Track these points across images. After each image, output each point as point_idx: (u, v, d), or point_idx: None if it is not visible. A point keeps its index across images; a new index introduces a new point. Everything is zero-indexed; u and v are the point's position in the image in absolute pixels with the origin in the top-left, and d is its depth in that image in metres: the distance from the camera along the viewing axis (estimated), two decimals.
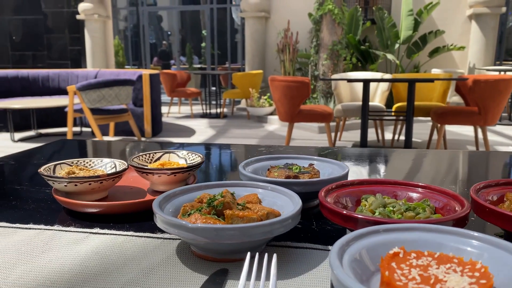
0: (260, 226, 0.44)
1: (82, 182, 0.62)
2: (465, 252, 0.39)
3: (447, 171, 0.94)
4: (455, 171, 0.95)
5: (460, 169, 0.97)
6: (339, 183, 0.57)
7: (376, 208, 0.52)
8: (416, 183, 0.57)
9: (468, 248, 0.40)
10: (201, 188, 0.57)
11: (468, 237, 0.40)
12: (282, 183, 0.59)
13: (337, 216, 0.48)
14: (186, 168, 0.67)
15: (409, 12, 7.75)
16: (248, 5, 8.41)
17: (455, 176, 0.89)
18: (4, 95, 6.57)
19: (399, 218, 0.49)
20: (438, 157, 1.06)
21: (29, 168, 0.92)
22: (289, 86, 4.66)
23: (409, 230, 0.42)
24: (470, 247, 0.39)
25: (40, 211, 0.64)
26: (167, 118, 7.71)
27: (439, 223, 0.45)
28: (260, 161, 0.73)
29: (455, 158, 1.05)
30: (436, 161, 1.02)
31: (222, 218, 0.48)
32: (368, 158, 1.00)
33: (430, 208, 0.52)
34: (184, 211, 0.50)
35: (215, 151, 1.10)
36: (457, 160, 1.03)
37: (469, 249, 0.39)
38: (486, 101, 4.46)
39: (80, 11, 9.13)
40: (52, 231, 0.57)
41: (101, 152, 1.13)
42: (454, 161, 1.03)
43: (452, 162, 1.02)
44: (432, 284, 0.34)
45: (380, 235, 0.41)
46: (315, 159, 0.72)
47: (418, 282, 0.34)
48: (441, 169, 0.96)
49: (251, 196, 0.54)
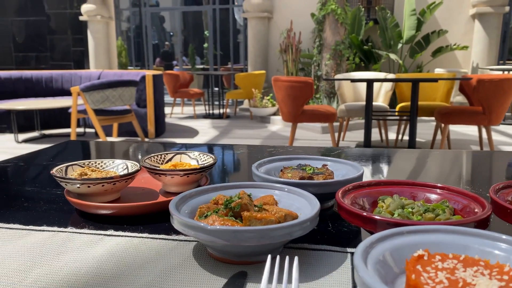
0: (279, 228, 0.43)
1: (95, 183, 0.61)
2: (491, 254, 0.39)
3: (459, 171, 0.93)
4: (467, 171, 0.94)
5: (472, 169, 0.96)
6: (356, 184, 0.57)
7: (394, 210, 0.51)
8: (434, 184, 0.56)
9: (494, 251, 0.39)
10: (216, 189, 0.57)
11: (494, 239, 0.39)
12: (298, 184, 0.59)
13: (356, 218, 0.48)
14: (199, 169, 0.66)
15: (412, 11, 7.73)
16: (250, 5, 8.40)
17: (469, 176, 0.88)
18: (8, 96, 6.58)
19: (418, 219, 0.49)
20: (448, 157, 1.05)
21: (39, 169, 0.92)
22: (292, 86, 4.65)
23: (433, 232, 0.41)
24: (497, 249, 0.39)
25: (53, 213, 0.64)
26: (170, 118, 7.71)
27: (461, 225, 0.44)
28: (273, 161, 0.72)
29: (466, 158, 1.04)
30: (447, 161, 1.02)
31: (239, 220, 0.48)
32: (378, 159, 0.99)
33: (449, 209, 0.51)
34: (201, 213, 0.50)
35: (224, 151, 1.09)
36: (467, 160, 1.03)
37: (496, 251, 0.39)
38: (490, 100, 4.44)
39: (83, 12, 9.14)
40: (66, 233, 0.56)
41: (109, 153, 1.12)
42: (465, 161, 1.02)
43: (463, 162, 1.01)
44: (461, 287, 0.33)
45: (403, 237, 0.40)
46: (328, 159, 0.72)
47: (446, 285, 0.34)
48: (452, 170, 0.95)
49: (267, 198, 0.53)
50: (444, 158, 1.05)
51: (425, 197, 0.56)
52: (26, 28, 9.87)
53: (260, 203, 0.51)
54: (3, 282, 0.45)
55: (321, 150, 1.04)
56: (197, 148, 1.18)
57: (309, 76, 7.87)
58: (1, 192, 0.75)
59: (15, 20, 9.88)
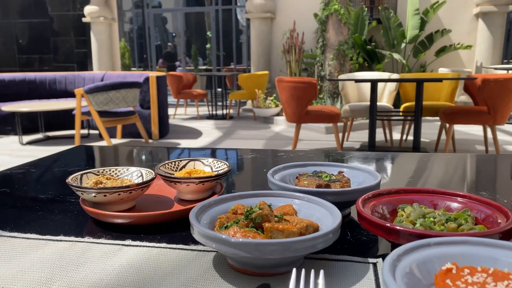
0: (302, 241, 0.43)
1: (112, 192, 0.61)
2: (505, 263, 0.38)
3: (475, 177, 0.93)
4: (483, 177, 0.93)
5: (489, 175, 0.95)
6: (375, 192, 0.56)
7: (416, 219, 0.50)
8: (455, 192, 0.56)
9: None
10: (235, 198, 0.56)
11: None
12: (316, 193, 0.58)
13: (379, 228, 0.47)
14: (214, 177, 0.66)
15: (415, 11, 7.71)
16: (253, 6, 8.40)
17: (486, 182, 0.87)
18: (12, 98, 6.60)
19: (441, 229, 0.48)
20: (462, 161, 1.04)
21: (51, 176, 0.91)
22: (296, 87, 4.64)
23: (460, 244, 0.41)
24: None
25: (68, 222, 0.64)
26: (174, 119, 7.72)
27: (485, 236, 0.44)
28: (288, 168, 0.72)
29: (481, 163, 1.03)
30: (461, 166, 1.01)
31: (260, 231, 0.47)
32: (391, 164, 0.98)
33: (471, 218, 0.51)
34: (221, 223, 0.49)
35: (236, 156, 1.09)
36: (482, 164, 1.02)
37: None
38: (495, 100, 4.42)
39: (86, 14, 9.16)
40: (83, 243, 0.56)
41: (121, 159, 1.12)
42: (480, 165, 1.01)
43: (479, 166, 1.00)
44: None
45: (430, 249, 0.40)
46: (344, 166, 0.71)
47: None
48: (468, 175, 0.94)
49: (287, 208, 0.53)
50: (458, 163, 1.04)
51: (446, 205, 0.55)
52: (29, 30, 9.89)
53: (280, 213, 0.51)
54: None
55: (332, 154, 1.04)
56: (206, 151, 1.17)
57: (312, 76, 7.87)
58: (15, 200, 0.75)
59: (18, 22, 9.90)
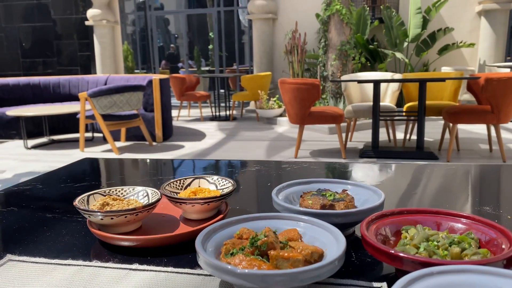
0: (308, 271, 0.44)
1: (118, 215, 0.62)
2: None
3: (478, 190, 0.93)
4: (486, 190, 0.93)
5: (492, 187, 0.95)
6: (379, 213, 0.57)
7: (419, 243, 0.51)
8: (458, 213, 0.56)
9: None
10: (239, 222, 0.57)
11: None
12: (320, 215, 0.59)
13: (383, 254, 0.48)
14: (219, 197, 0.67)
15: (417, 10, 7.70)
16: (255, 7, 8.40)
17: (489, 196, 0.88)
18: (17, 103, 6.63)
19: (444, 254, 0.49)
20: (465, 172, 1.04)
21: (58, 192, 0.92)
22: (299, 88, 4.64)
23: (463, 272, 0.41)
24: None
25: (76, 243, 0.65)
26: (177, 121, 7.74)
27: (489, 263, 0.44)
28: (292, 186, 0.72)
29: (484, 174, 1.03)
30: (464, 177, 1.01)
31: (266, 258, 0.48)
32: (394, 177, 0.99)
33: (474, 241, 0.51)
34: (227, 250, 0.50)
35: (240, 170, 1.09)
36: (486, 175, 1.02)
37: None
38: (498, 99, 4.41)
39: (88, 17, 9.19)
40: (91, 267, 0.57)
41: (126, 173, 1.13)
42: (483, 177, 1.01)
43: (482, 179, 1.00)
44: None
45: (434, 278, 0.40)
46: (348, 183, 0.72)
47: None
48: (471, 188, 0.95)
49: (292, 232, 0.53)
50: (461, 174, 1.04)
51: (450, 226, 0.56)
52: (33, 34, 9.94)
53: (285, 238, 0.52)
54: None
55: (336, 166, 1.04)
56: (211, 162, 1.18)
57: (314, 76, 7.86)
58: (23, 220, 0.76)
59: (22, 26, 9.94)
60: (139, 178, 1.03)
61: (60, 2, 9.71)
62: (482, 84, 4.46)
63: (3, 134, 6.29)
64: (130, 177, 1.06)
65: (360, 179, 0.94)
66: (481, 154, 4.82)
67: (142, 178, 1.02)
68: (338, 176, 0.97)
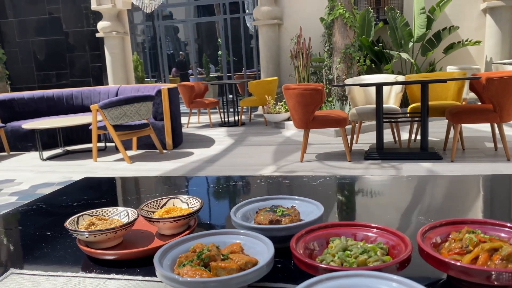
0: (236, 277, 0.56)
1: (100, 234, 0.75)
2: None
3: (420, 200, 1.04)
4: (433, 200, 1.04)
5: (426, 197, 1.06)
6: (308, 228, 0.69)
7: (337, 252, 0.63)
8: (370, 224, 0.68)
9: None
10: (193, 238, 0.69)
11: (395, 282, 0.51)
12: (267, 229, 0.71)
13: (301, 263, 0.60)
14: (186, 216, 0.79)
15: (421, 10, 7.74)
16: (260, 13, 8.54)
17: (423, 207, 0.98)
18: (32, 116, 6.86)
19: (352, 262, 0.60)
20: (415, 184, 1.15)
21: (57, 211, 1.06)
22: (302, 94, 4.74)
23: (354, 276, 0.53)
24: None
25: (67, 257, 0.78)
26: (187, 128, 7.90)
27: (384, 268, 0.56)
28: (250, 203, 0.84)
29: (424, 186, 1.14)
30: (411, 189, 1.12)
31: (209, 269, 0.60)
32: (347, 192, 1.10)
33: (382, 250, 0.62)
34: (180, 262, 0.62)
35: (214, 187, 1.22)
36: (427, 188, 1.12)
37: None
38: (500, 98, 4.44)
39: (99, 29, 9.43)
40: (77, 278, 0.70)
41: (118, 191, 1.26)
42: (426, 189, 1.12)
43: (426, 189, 1.11)
44: None
45: (330, 282, 0.52)
46: (296, 199, 0.84)
47: None
48: (411, 198, 1.05)
49: (234, 246, 0.66)
50: (407, 185, 1.14)
51: (364, 236, 0.67)
52: (46, 47, 10.22)
53: (227, 251, 0.64)
54: None
55: (304, 180, 1.16)
56: (194, 179, 1.31)
57: (321, 79, 7.96)
58: (26, 237, 0.90)
59: (35, 40, 10.24)
60: (128, 196, 1.17)
61: (72, 16, 9.99)
62: (484, 84, 4.50)
63: (19, 146, 6.52)
64: (121, 195, 1.20)
65: (323, 193, 1.06)
66: (486, 153, 4.86)
67: (131, 196, 1.16)
68: (306, 189, 1.09)
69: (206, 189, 1.19)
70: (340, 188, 1.09)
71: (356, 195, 1.06)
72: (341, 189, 1.09)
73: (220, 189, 1.17)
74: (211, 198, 1.11)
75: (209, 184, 1.24)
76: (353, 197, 1.05)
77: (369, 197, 1.05)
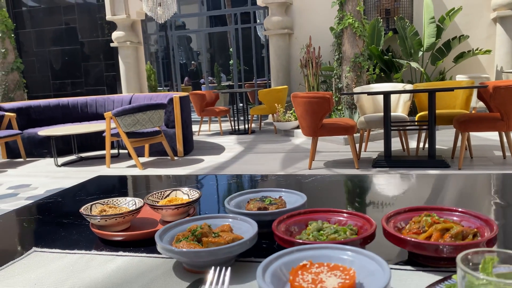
0: (223, 248, 0.66)
1: (110, 218, 0.86)
2: (347, 261, 0.60)
3: (366, 195, 1.13)
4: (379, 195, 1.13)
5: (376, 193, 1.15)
6: (290, 214, 0.79)
7: (312, 232, 0.73)
8: (339, 210, 0.78)
9: (349, 258, 0.60)
10: (190, 221, 0.80)
11: (351, 251, 0.61)
12: (253, 215, 0.82)
13: (278, 239, 0.70)
14: (186, 204, 0.90)
15: (431, 19, 7.81)
16: (271, 23, 8.69)
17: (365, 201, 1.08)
18: (48, 123, 7.07)
19: (324, 239, 0.70)
20: (371, 181, 1.24)
21: (73, 204, 1.18)
22: (310, 102, 4.82)
23: (317, 249, 0.63)
24: (350, 257, 0.60)
25: (82, 240, 0.89)
26: (198, 136, 8.04)
27: (348, 243, 0.66)
28: (243, 194, 0.95)
29: (372, 182, 1.23)
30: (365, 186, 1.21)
31: (201, 244, 0.70)
32: (326, 187, 1.20)
33: (352, 230, 0.72)
34: (177, 239, 0.73)
35: (214, 183, 1.33)
36: (375, 184, 1.22)
37: (350, 258, 0.60)
38: (507, 106, 4.48)
39: (113, 39, 9.67)
40: (90, 255, 0.81)
41: (127, 188, 1.38)
42: (375, 185, 1.21)
43: (373, 185, 1.20)
44: (316, 284, 0.55)
45: (293, 255, 0.62)
46: (283, 191, 0.94)
47: (309, 282, 0.55)
48: (364, 193, 1.15)
49: (225, 226, 0.76)
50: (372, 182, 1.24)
51: (337, 220, 0.77)
52: (62, 56, 10.50)
53: (219, 230, 0.74)
54: None
55: (296, 177, 1.26)
56: (200, 176, 1.42)
57: (330, 88, 8.05)
58: (46, 224, 1.01)
59: (52, 49, 10.52)
60: (137, 191, 1.28)
61: (87, 26, 10.26)
62: (491, 92, 4.54)
63: (35, 153, 6.71)
64: (131, 190, 1.31)
65: (311, 188, 1.16)
66: (494, 161, 4.89)
67: (139, 191, 1.27)
68: (297, 185, 1.19)
69: (207, 184, 1.30)
70: (327, 184, 1.19)
71: (338, 190, 1.16)
72: (327, 185, 1.19)
73: (219, 185, 1.27)
74: (210, 191, 1.21)
75: (209, 180, 1.35)
76: (335, 191, 1.15)
77: (349, 190, 1.15)
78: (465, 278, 0.44)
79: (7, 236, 0.97)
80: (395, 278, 0.64)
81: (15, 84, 9.26)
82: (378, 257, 0.57)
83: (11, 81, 9.21)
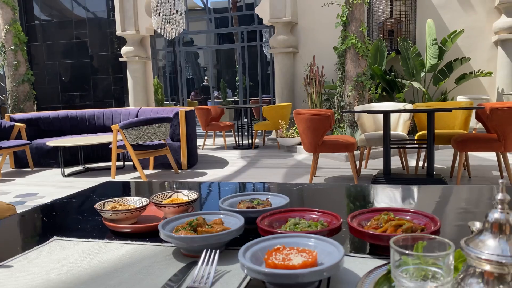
0: (213, 235, 0.80)
1: (120, 213, 1.00)
2: (311, 246, 0.74)
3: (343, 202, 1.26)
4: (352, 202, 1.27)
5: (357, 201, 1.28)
6: (272, 211, 0.93)
7: (289, 226, 0.87)
8: (314, 209, 0.92)
9: (313, 244, 0.75)
10: (188, 216, 0.94)
11: (315, 239, 0.75)
12: (241, 212, 0.96)
13: (262, 231, 0.84)
14: (185, 203, 1.04)
15: (433, 41, 7.99)
16: (276, 42, 8.91)
17: None
18: (56, 134, 7.25)
19: (299, 231, 0.84)
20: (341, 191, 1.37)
21: (87, 203, 1.32)
22: (312, 119, 4.97)
23: (289, 237, 0.77)
24: (314, 243, 0.75)
25: (95, 231, 1.03)
26: (203, 150, 8.19)
27: (317, 233, 0.80)
28: (236, 197, 1.09)
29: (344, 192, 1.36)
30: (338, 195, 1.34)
31: (197, 233, 0.85)
32: (306, 193, 1.34)
33: (323, 225, 0.86)
34: (176, 229, 0.87)
35: (212, 188, 1.47)
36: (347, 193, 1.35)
37: (314, 244, 0.74)
38: (504, 128, 4.58)
39: (122, 53, 9.92)
40: (102, 243, 0.95)
41: (134, 191, 1.52)
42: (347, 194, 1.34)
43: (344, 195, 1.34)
44: (286, 261, 0.69)
45: (269, 241, 0.76)
46: (270, 194, 1.09)
47: (280, 260, 0.69)
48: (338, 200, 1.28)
49: (217, 220, 0.90)
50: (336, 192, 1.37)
51: (311, 217, 0.91)
52: (71, 69, 10.76)
53: (212, 223, 0.88)
54: (68, 267, 0.83)
55: (287, 185, 1.40)
56: (204, 183, 1.56)
57: (333, 106, 8.21)
58: (64, 219, 1.16)
59: (62, 62, 10.79)
60: (144, 194, 1.43)
61: (97, 40, 10.54)
62: (487, 114, 4.67)
63: (43, 163, 6.88)
64: (137, 193, 1.46)
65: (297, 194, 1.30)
66: (492, 181, 4.98)
67: (146, 195, 1.41)
68: (285, 191, 1.33)
69: (205, 190, 1.45)
70: (312, 191, 1.33)
71: (319, 195, 1.31)
72: (311, 192, 1.33)
73: (216, 190, 1.42)
74: (208, 195, 1.36)
75: (207, 186, 1.49)
76: (317, 196, 1.30)
77: (328, 195, 1.29)
78: (401, 259, 0.57)
79: (30, 228, 1.12)
80: (355, 263, 0.78)
81: (25, 96, 9.51)
82: (335, 242, 0.71)
83: (21, 92, 9.46)
